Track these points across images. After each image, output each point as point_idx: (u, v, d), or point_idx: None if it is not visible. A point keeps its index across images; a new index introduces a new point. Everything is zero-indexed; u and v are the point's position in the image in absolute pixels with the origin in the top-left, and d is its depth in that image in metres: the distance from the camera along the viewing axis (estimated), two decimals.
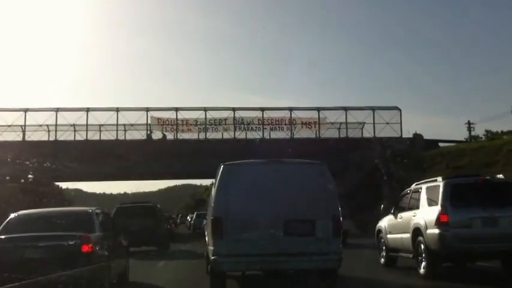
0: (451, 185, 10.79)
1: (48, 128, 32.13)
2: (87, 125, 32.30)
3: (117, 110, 32.45)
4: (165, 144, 32.37)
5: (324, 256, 8.62)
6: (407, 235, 11.74)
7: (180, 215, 66.06)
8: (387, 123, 34.18)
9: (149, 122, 32.71)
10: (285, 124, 33.62)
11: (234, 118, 33.04)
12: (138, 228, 17.98)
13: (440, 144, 35.66)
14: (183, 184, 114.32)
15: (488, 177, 11.86)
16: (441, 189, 10.75)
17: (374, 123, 33.90)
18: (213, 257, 8.68)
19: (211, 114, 33.25)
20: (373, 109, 33.93)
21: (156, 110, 33.39)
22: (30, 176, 30.22)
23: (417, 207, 11.65)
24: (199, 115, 33.13)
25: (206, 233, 10.51)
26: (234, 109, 33.25)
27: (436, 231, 10.50)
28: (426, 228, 10.87)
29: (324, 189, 8.85)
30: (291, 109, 33.66)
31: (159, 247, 19.83)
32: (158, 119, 33.03)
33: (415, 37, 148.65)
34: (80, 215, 9.80)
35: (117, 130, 32.24)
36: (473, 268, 11.78)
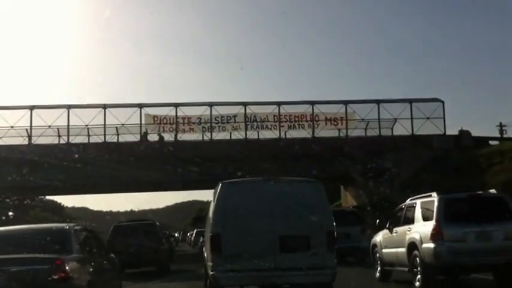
0: (445, 200, 11.45)
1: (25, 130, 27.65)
2: (68, 125, 26.73)
3: (105, 107, 27.09)
4: (163, 147, 26.86)
5: (319, 271, 9.22)
6: (403, 249, 12.37)
7: (181, 232, 67.71)
8: (427, 118, 29.07)
9: (143, 121, 27.21)
10: (306, 121, 28.50)
11: (245, 115, 27.75)
12: (136, 248, 17.75)
13: (491, 142, 30.44)
14: (190, 201, 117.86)
15: (481, 192, 12.55)
16: (436, 204, 11.39)
17: (412, 118, 28.57)
18: (211, 273, 9.25)
19: (217, 111, 28.82)
20: (410, 101, 29.81)
21: (151, 106, 28.09)
22: None
23: (412, 222, 12.27)
24: (204, 111, 28.17)
25: (205, 249, 11.21)
26: (245, 104, 28.35)
27: (431, 245, 11.13)
28: (421, 242, 11.49)
29: (319, 205, 9.52)
30: (312, 103, 29.06)
31: (159, 268, 19.44)
32: (154, 116, 28.08)
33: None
34: (54, 233, 8.76)
35: (104, 131, 26.76)
36: (466, 280, 12.51)
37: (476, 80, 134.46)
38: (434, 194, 11.76)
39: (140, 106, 28.93)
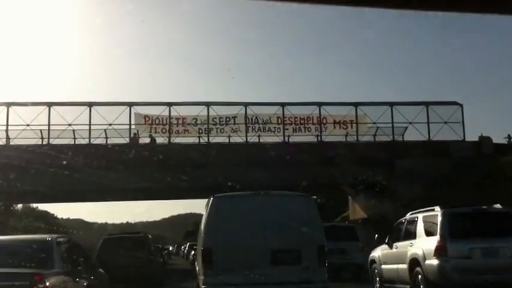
0: (450, 214, 11.15)
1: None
2: (49, 124, 24.17)
3: (90, 105, 24.47)
4: (154, 150, 24.35)
5: (310, 285, 9.40)
6: (404, 266, 12.07)
7: (176, 245, 67.91)
8: (445, 123, 26.76)
9: (133, 120, 24.65)
10: (313, 123, 25.97)
11: (246, 116, 25.24)
12: (126, 262, 17.36)
13: None
14: (187, 213, 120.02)
15: (485, 207, 12.07)
16: (439, 219, 11.10)
17: (428, 122, 26.18)
18: (203, 286, 9.38)
19: (215, 111, 26.08)
20: (426, 104, 27.50)
21: (142, 105, 25.48)
22: None
23: (414, 237, 11.96)
24: (200, 112, 25.43)
25: (196, 263, 11.61)
26: (245, 104, 25.73)
27: (435, 261, 10.81)
28: (424, 258, 11.17)
29: (310, 219, 9.65)
30: (320, 104, 26.55)
31: (151, 283, 18.79)
32: (145, 116, 25.43)
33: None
34: (35, 245, 8.18)
35: (89, 131, 24.18)
36: None
37: (496, 84, 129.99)
38: (437, 208, 11.53)
39: (130, 105, 26.47)
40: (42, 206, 60.98)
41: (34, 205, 67.79)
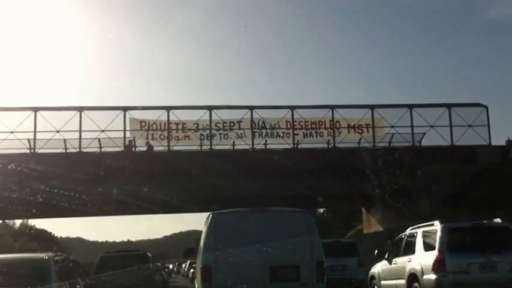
0: (449, 229, 11.21)
1: None
2: (35, 131, 21.88)
3: (81, 109, 22.18)
4: (152, 159, 21.99)
5: None
6: (403, 281, 12.16)
7: (177, 263, 66.08)
8: (469, 126, 24.54)
9: (128, 126, 22.33)
10: (325, 128, 23.60)
11: (252, 120, 22.94)
12: (124, 282, 16.69)
13: None
14: (189, 230, 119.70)
15: (485, 222, 12.05)
16: (438, 234, 11.17)
17: (451, 126, 23.91)
18: None
19: (218, 115, 23.29)
20: (449, 106, 25.15)
21: (138, 109, 23.19)
22: None
23: (413, 252, 12.05)
24: (202, 116, 22.94)
25: (196, 281, 11.71)
26: (251, 108, 23.35)
27: (433, 276, 10.87)
28: (423, 274, 11.24)
29: (308, 236, 9.76)
30: (332, 107, 24.16)
31: None
32: (141, 121, 22.97)
33: None
34: (31, 264, 7.94)
35: (79, 139, 21.92)
36: None
37: None
38: (436, 223, 11.59)
39: (124, 109, 24.14)
40: (39, 224, 59.04)
41: (31, 223, 65.76)
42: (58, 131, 23.59)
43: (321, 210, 69.25)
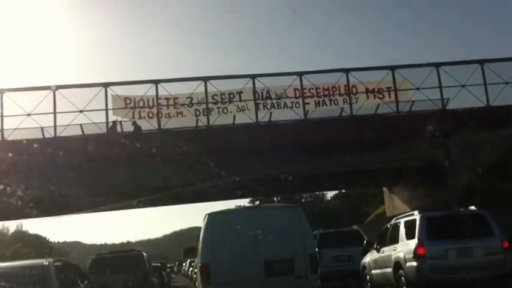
0: (427, 218, 11.98)
1: None
2: (2, 116, 18.73)
3: (55, 89, 18.96)
4: (140, 140, 18.64)
5: None
6: (390, 269, 12.88)
7: (177, 262, 65.77)
8: (506, 83, 22.48)
9: (110, 105, 19.01)
10: (339, 94, 20.12)
11: (255, 90, 19.56)
12: (120, 285, 16.29)
13: None
14: (189, 228, 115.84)
15: (461, 209, 12.77)
16: (417, 223, 11.94)
17: (485, 84, 20.93)
18: None
19: (215, 87, 19.82)
20: (481, 62, 23.25)
21: (120, 84, 19.80)
22: None
23: (397, 242, 12.81)
24: (195, 88, 19.64)
25: (196, 279, 13.50)
26: (253, 76, 19.96)
27: (414, 263, 11.68)
28: (405, 261, 12.04)
29: (300, 229, 10.29)
30: (347, 70, 20.63)
31: None
32: (126, 98, 19.59)
33: None
34: (31, 271, 7.89)
35: (54, 122, 18.79)
36: None
37: None
38: (416, 213, 12.41)
39: (106, 85, 20.74)
40: (34, 229, 56.89)
41: (24, 228, 63.34)
42: (29, 115, 20.33)
43: (329, 197, 66.03)
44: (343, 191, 58.33)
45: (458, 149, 21.83)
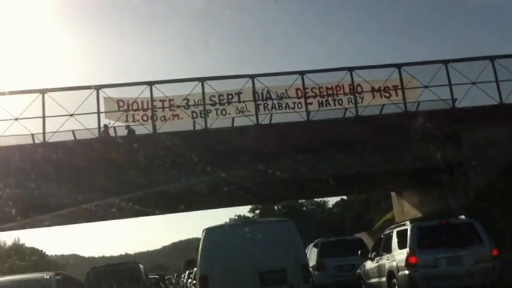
0: (418, 227, 12.49)
1: None
2: None
3: (43, 92, 18.12)
4: (134, 145, 17.73)
5: None
6: (384, 279, 13.34)
7: (176, 274, 66.04)
8: None
9: (102, 108, 18.06)
10: (343, 93, 19.07)
11: (254, 90, 18.55)
12: None
13: None
14: (188, 239, 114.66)
15: (452, 219, 13.25)
16: (409, 233, 12.42)
17: (497, 81, 21.20)
18: None
19: (213, 88, 18.84)
20: (491, 58, 21.60)
21: (113, 86, 18.77)
22: None
23: (390, 251, 13.28)
24: (193, 89, 18.61)
25: None
26: (252, 76, 18.98)
27: (406, 272, 12.12)
28: (398, 270, 12.49)
29: (292, 241, 11.14)
30: (351, 69, 19.63)
31: None
32: (119, 100, 18.61)
33: None
34: (32, 285, 8.24)
35: (43, 126, 17.86)
36: None
37: None
38: (407, 223, 12.98)
39: (97, 88, 19.70)
40: (29, 242, 56.06)
41: (21, 242, 62.56)
42: (16, 119, 19.28)
43: (330, 205, 64.93)
44: (345, 198, 57.49)
45: (473, 147, 20.79)
